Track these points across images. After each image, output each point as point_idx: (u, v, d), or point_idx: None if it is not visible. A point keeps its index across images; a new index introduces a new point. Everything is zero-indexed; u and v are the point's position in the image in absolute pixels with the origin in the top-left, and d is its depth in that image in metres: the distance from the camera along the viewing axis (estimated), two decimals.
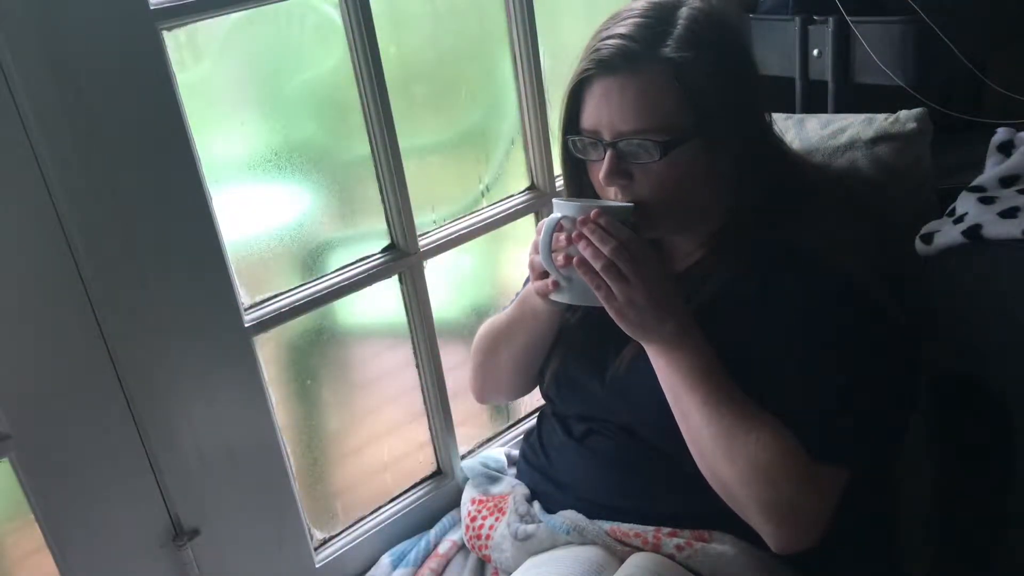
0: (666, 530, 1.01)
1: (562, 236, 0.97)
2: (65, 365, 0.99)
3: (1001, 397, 1.07)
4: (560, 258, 0.98)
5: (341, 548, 1.30)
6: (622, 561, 1.00)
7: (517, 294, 1.21)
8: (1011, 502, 1.11)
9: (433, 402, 1.38)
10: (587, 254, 0.93)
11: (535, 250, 1.02)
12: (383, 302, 1.31)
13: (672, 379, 0.96)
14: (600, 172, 0.97)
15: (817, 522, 0.91)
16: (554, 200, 1.00)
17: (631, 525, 1.03)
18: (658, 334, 0.95)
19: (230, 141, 1.13)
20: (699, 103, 0.94)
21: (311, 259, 1.23)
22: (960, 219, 1.05)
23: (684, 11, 0.97)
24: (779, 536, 0.92)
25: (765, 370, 0.95)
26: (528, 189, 1.46)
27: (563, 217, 0.96)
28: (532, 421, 1.31)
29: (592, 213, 0.93)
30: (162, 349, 1.05)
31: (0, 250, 0.92)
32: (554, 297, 1.01)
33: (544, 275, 1.01)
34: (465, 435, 1.46)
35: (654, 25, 0.95)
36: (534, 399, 1.48)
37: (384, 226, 1.28)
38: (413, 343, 1.35)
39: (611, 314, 0.95)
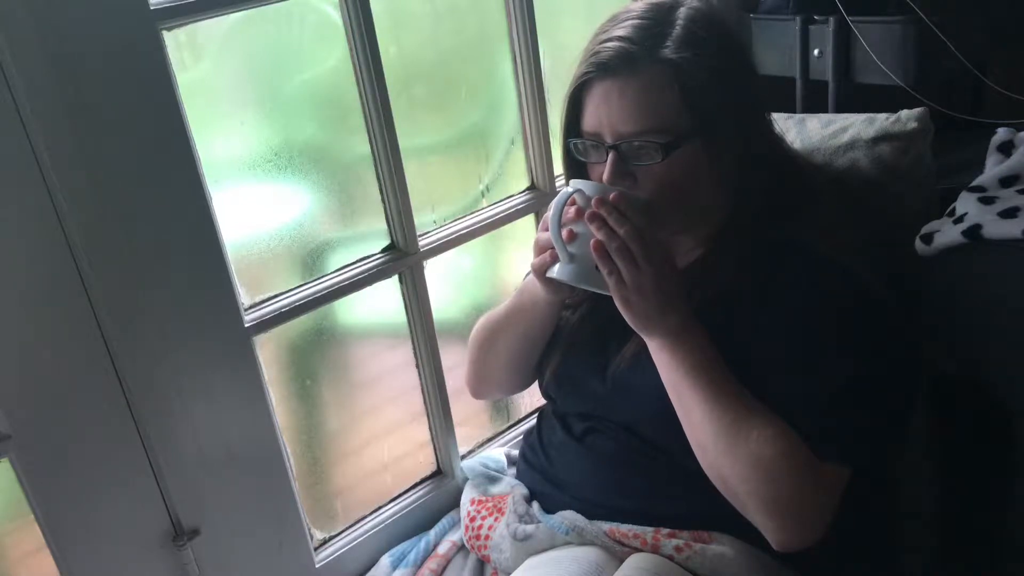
0: (665, 531, 1.01)
1: (572, 210, 0.96)
2: (65, 365, 0.99)
3: (1001, 397, 1.07)
4: (566, 232, 0.96)
5: (341, 548, 1.29)
6: (621, 562, 1.00)
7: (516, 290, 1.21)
8: (1010, 502, 1.11)
9: (433, 402, 1.38)
10: (601, 235, 0.91)
11: (544, 227, 1.00)
12: (383, 302, 1.31)
13: (674, 375, 0.96)
14: (603, 174, 0.97)
15: (819, 519, 0.91)
16: (572, 180, 0.99)
17: (630, 526, 1.03)
18: (661, 327, 0.95)
19: (230, 141, 1.13)
20: (699, 103, 0.94)
21: (311, 259, 1.23)
22: (960, 219, 1.05)
23: (682, 11, 0.97)
24: (781, 533, 0.92)
25: (766, 368, 0.95)
26: (528, 189, 1.46)
27: (577, 191, 0.95)
28: (532, 421, 1.31)
29: (612, 196, 0.92)
30: (162, 349, 1.05)
31: (0, 250, 0.92)
32: (551, 274, 0.99)
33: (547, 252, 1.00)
34: (465, 435, 1.46)
35: (652, 26, 0.96)
36: (534, 398, 1.48)
37: (384, 226, 1.27)
38: (413, 343, 1.35)
39: (616, 301, 0.94)
